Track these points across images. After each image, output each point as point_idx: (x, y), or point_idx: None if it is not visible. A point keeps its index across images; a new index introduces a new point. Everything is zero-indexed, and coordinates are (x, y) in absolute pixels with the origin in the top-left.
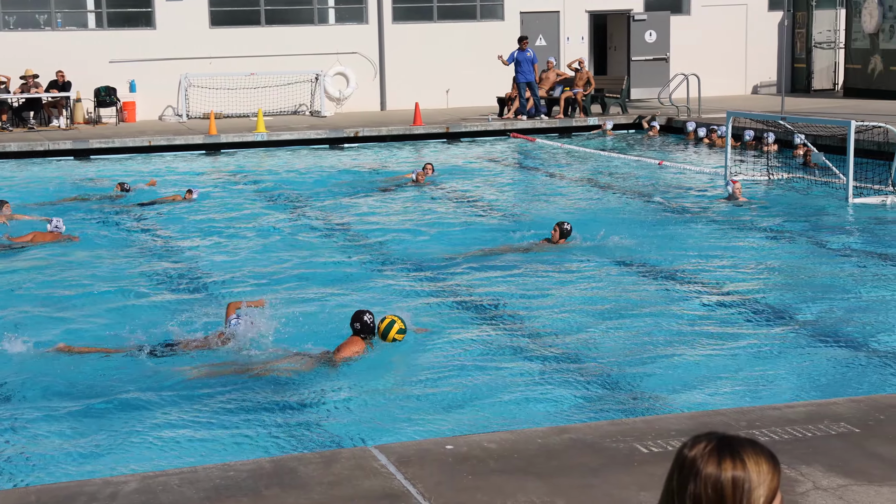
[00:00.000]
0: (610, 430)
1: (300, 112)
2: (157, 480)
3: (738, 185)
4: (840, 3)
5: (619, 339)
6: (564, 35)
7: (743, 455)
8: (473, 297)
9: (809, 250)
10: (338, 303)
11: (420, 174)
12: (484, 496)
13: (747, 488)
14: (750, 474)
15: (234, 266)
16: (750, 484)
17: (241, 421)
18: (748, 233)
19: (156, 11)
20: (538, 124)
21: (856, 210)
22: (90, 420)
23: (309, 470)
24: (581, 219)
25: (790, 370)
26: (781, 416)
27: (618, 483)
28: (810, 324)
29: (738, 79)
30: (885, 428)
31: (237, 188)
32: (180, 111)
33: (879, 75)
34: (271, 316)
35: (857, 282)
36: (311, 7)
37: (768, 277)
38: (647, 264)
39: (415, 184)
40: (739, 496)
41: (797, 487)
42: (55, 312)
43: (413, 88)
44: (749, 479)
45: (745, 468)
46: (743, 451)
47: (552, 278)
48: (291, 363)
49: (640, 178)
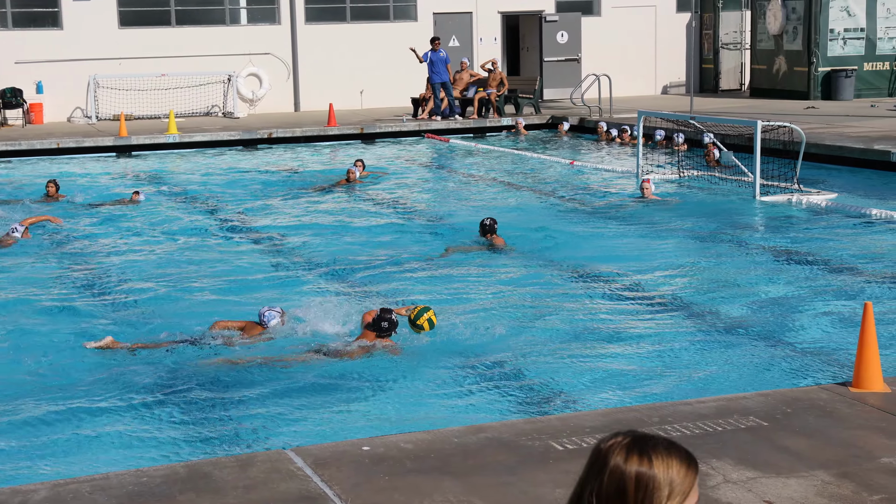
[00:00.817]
0: (525, 429)
1: (213, 113)
2: (67, 488)
3: (649, 184)
4: (745, 6)
5: (532, 337)
6: (477, 36)
7: (652, 454)
8: (389, 298)
9: (718, 248)
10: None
11: (351, 171)
12: (401, 496)
13: (651, 487)
14: (656, 473)
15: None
16: (654, 483)
17: (154, 426)
18: (659, 231)
19: (63, 11)
20: (452, 125)
21: (763, 208)
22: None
23: (224, 474)
24: (497, 218)
25: (701, 365)
26: (692, 410)
27: (534, 481)
28: (720, 320)
29: (649, 79)
30: (793, 421)
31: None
32: (89, 113)
33: (784, 76)
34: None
35: (764, 278)
36: (222, 7)
37: (678, 275)
38: (560, 263)
39: (346, 182)
40: (641, 495)
41: (708, 481)
42: None
43: (327, 89)
44: (654, 479)
45: (651, 466)
46: (654, 451)
47: (466, 278)
48: (209, 364)
49: (553, 177)
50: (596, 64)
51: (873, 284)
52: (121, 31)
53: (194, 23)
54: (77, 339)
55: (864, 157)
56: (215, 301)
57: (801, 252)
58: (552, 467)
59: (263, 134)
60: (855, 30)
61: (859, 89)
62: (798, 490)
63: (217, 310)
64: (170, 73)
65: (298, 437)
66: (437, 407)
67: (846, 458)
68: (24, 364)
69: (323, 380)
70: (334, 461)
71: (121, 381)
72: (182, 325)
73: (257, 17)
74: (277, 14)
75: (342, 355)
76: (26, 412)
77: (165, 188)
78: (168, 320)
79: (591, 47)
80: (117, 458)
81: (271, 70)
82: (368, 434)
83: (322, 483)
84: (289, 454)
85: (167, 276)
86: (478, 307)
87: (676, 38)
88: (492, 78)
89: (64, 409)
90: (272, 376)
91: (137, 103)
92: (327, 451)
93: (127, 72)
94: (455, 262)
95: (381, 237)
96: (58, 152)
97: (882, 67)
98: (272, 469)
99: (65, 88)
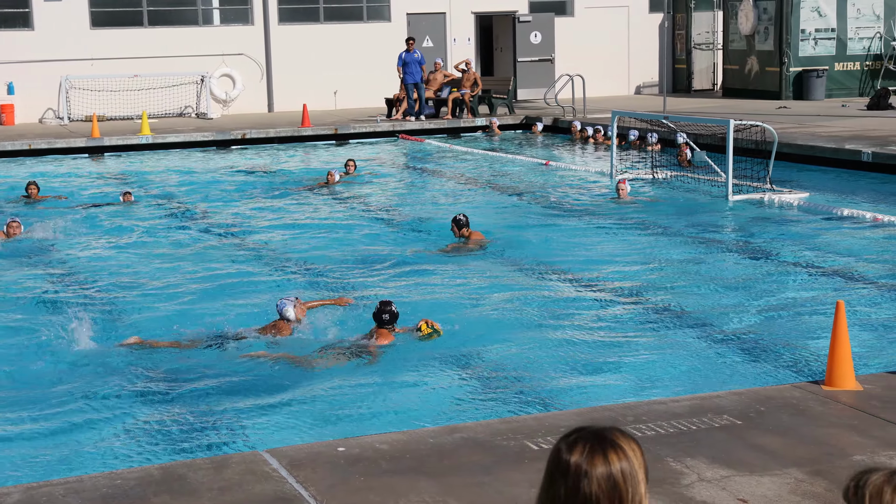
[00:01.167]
0: (501, 429)
1: (186, 114)
2: (40, 491)
3: (625, 184)
4: (717, 6)
5: (507, 337)
6: (451, 36)
7: (621, 444)
8: (364, 299)
9: (692, 247)
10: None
11: (333, 174)
12: (377, 497)
13: (632, 473)
14: (631, 460)
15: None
16: (633, 468)
17: (127, 427)
18: (633, 231)
19: (34, 12)
20: (427, 125)
21: (735, 207)
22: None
23: (199, 476)
24: (471, 219)
25: (675, 364)
26: (667, 409)
27: (509, 480)
28: (694, 319)
29: (622, 79)
30: (766, 419)
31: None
32: (61, 114)
33: (755, 76)
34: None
35: (737, 277)
36: (195, 8)
37: (652, 275)
38: (535, 263)
39: (326, 184)
40: (630, 483)
41: (682, 479)
42: None
43: (301, 90)
44: (632, 464)
45: (626, 456)
46: (618, 441)
47: (441, 278)
48: (184, 365)
49: (528, 178)
50: (569, 64)
51: (845, 283)
52: (93, 32)
53: (167, 23)
54: (48, 344)
55: (836, 156)
56: (205, 302)
57: (773, 251)
58: (527, 467)
59: (237, 135)
60: (826, 30)
61: (830, 89)
62: (771, 488)
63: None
64: (142, 74)
65: (273, 438)
66: (412, 407)
67: (819, 456)
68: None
69: (297, 381)
70: (309, 462)
71: (93, 384)
72: (165, 326)
73: (230, 17)
74: (250, 14)
75: (360, 353)
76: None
77: (142, 190)
78: (160, 321)
79: (564, 48)
80: (91, 461)
81: (245, 71)
82: (344, 435)
83: (297, 484)
84: (264, 455)
85: (165, 276)
86: (453, 307)
87: (649, 39)
88: (465, 78)
89: (37, 412)
90: (247, 377)
91: (110, 104)
92: (302, 451)
93: (99, 72)
94: (429, 261)
95: (357, 238)
96: (29, 153)
97: (853, 67)
98: (247, 470)
99: (36, 89)
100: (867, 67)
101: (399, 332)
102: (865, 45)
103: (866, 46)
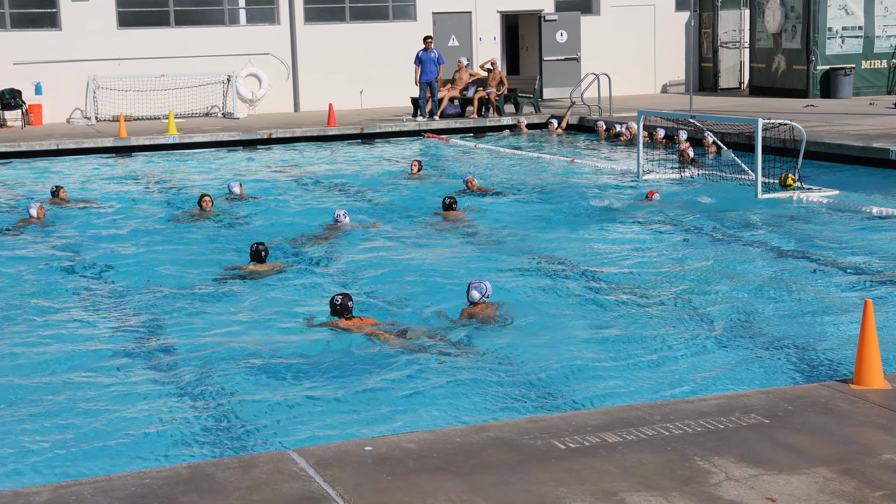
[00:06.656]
0: (527, 428)
1: (212, 114)
2: (69, 490)
3: (654, 194)
4: (744, 4)
5: (535, 336)
6: (477, 35)
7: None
8: (390, 298)
9: (720, 245)
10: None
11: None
12: (404, 496)
13: None
14: None
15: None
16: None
17: (156, 427)
18: (661, 230)
19: (61, 12)
20: (452, 124)
21: (765, 205)
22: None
23: (227, 475)
24: (498, 219)
25: (702, 363)
26: (694, 408)
27: (536, 480)
28: (722, 318)
29: (648, 78)
30: (794, 418)
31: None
32: (89, 114)
33: (782, 74)
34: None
35: (766, 275)
36: (221, 8)
37: (681, 274)
38: (563, 261)
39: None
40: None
41: (710, 479)
42: None
43: (326, 89)
44: None
45: None
46: None
47: (466, 276)
48: (214, 363)
49: (554, 175)
50: (595, 63)
51: (874, 281)
52: (120, 32)
53: (193, 23)
54: (80, 341)
55: (864, 154)
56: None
57: (802, 249)
58: (554, 466)
59: (263, 134)
60: (853, 28)
61: (858, 87)
62: (800, 487)
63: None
64: (169, 74)
65: (301, 437)
66: (439, 407)
67: (848, 455)
68: (26, 365)
69: (325, 380)
70: (337, 461)
71: (122, 382)
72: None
73: (256, 17)
74: (276, 14)
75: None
76: (27, 414)
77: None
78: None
79: (590, 46)
80: (120, 460)
81: (271, 70)
82: (371, 434)
83: (325, 483)
84: (291, 455)
85: (202, 277)
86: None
87: (675, 37)
88: (491, 77)
89: (65, 410)
90: (275, 376)
91: (137, 104)
92: (330, 451)
93: (126, 72)
94: (454, 256)
95: (377, 239)
96: (57, 154)
97: (880, 65)
98: (275, 470)
99: (64, 89)
100: (895, 65)
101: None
102: (893, 43)
103: (894, 44)
